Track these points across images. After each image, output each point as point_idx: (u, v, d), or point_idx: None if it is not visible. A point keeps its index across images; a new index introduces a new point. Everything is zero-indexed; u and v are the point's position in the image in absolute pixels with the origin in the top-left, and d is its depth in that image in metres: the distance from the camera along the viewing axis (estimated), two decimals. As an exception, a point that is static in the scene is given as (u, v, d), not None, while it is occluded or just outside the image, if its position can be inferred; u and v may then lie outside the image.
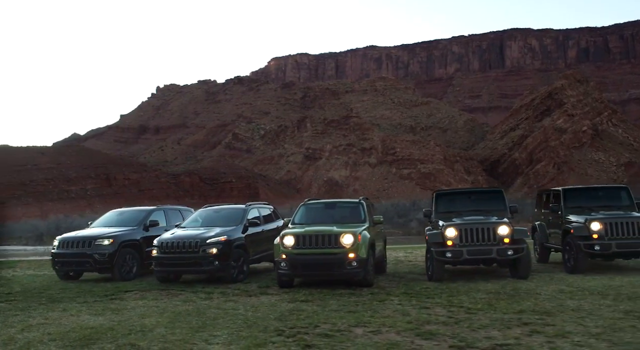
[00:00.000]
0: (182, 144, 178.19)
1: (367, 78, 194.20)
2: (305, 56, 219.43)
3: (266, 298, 11.79)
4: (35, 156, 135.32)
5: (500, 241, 12.70)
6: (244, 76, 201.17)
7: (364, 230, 12.87)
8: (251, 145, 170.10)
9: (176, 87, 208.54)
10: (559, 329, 7.88)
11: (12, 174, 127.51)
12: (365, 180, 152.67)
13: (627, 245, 13.08)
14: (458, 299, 10.59)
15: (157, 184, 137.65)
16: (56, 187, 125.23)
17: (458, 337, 7.68)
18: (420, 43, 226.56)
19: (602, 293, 10.61)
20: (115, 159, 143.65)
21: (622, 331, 7.61)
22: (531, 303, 9.86)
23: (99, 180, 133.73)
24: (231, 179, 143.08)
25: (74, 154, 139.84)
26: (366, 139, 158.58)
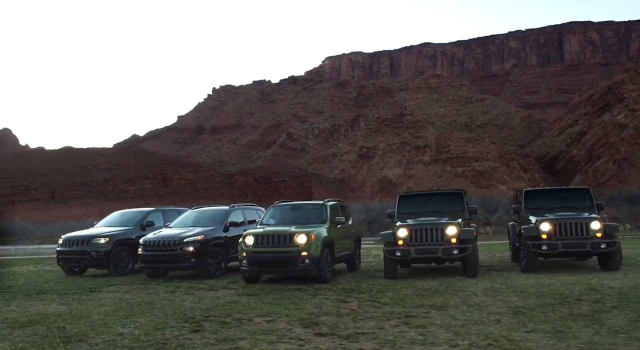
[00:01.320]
0: (237, 144, 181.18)
1: (421, 76, 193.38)
2: (360, 55, 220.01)
3: (222, 292, 12.68)
4: (95, 157, 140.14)
5: (447, 241, 13.33)
6: (298, 76, 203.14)
7: (319, 231, 13.68)
8: (305, 145, 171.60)
9: (232, 87, 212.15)
10: (427, 321, 8.43)
11: (73, 175, 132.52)
12: (419, 178, 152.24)
13: (573, 245, 13.37)
14: (382, 295, 11.15)
15: (212, 184, 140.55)
16: (115, 187, 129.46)
17: (332, 326, 8.32)
18: (475, 39, 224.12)
19: (523, 291, 10.93)
20: (172, 160, 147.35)
21: (483, 324, 8.08)
22: (442, 299, 10.36)
23: (155, 180, 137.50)
24: (285, 178, 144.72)
25: (132, 154, 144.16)
26: (420, 137, 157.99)
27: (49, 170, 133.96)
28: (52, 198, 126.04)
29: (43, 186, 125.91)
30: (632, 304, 9.16)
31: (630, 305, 9.10)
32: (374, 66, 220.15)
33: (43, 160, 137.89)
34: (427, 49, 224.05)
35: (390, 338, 7.50)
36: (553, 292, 10.66)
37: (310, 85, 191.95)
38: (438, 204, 15.30)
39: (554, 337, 7.21)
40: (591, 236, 13.35)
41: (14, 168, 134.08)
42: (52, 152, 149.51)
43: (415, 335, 7.58)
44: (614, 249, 13.36)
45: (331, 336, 7.79)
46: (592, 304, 9.29)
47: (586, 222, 13.50)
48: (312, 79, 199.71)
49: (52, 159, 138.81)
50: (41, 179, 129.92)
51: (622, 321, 7.94)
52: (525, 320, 8.29)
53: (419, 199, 15.86)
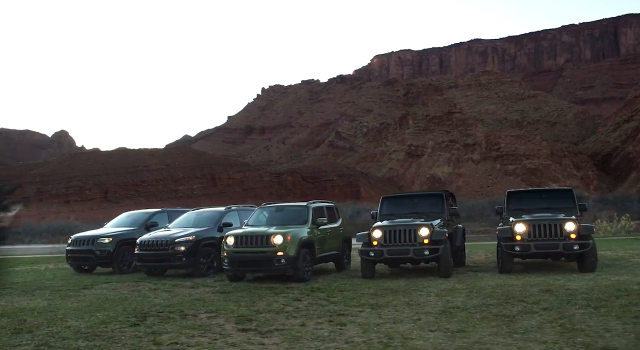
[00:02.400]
0: (286, 143, 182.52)
1: (471, 73, 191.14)
2: (409, 52, 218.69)
3: (201, 289, 13.17)
4: (146, 158, 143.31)
5: (420, 242, 13.57)
6: (347, 75, 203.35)
7: (297, 231, 14.18)
8: (354, 143, 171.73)
9: (281, 87, 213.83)
10: (352, 319, 8.76)
11: (125, 175, 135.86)
12: (468, 176, 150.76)
13: (545, 246, 13.35)
14: (339, 294, 11.47)
15: (260, 183, 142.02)
16: (165, 187, 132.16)
17: (262, 322, 8.72)
18: (527, 34, 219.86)
19: (479, 291, 10.99)
20: (220, 159, 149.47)
21: (399, 323, 8.32)
22: (391, 298, 10.58)
23: (204, 180, 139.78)
24: (332, 177, 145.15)
25: (181, 155, 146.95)
26: (469, 134, 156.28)
27: (102, 170, 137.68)
28: (104, 198, 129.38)
29: (96, 186, 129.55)
30: (565, 306, 9.22)
31: (564, 307, 9.16)
32: (423, 64, 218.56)
33: (96, 161, 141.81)
34: (478, 45, 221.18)
35: (299, 335, 7.84)
36: (505, 293, 10.76)
37: (359, 84, 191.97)
38: (419, 206, 15.51)
39: (447, 336, 7.42)
40: (565, 237, 13.34)
41: (69, 169, 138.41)
42: (106, 153, 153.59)
43: (324, 333, 7.91)
44: (587, 250, 13.30)
45: (251, 331, 8.20)
46: (529, 305, 9.38)
47: (560, 223, 13.48)
48: (361, 78, 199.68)
49: (105, 160, 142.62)
50: (94, 180, 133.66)
51: (533, 322, 8.06)
52: (443, 320, 8.48)
53: (401, 201, 16.09)
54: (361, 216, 77.45)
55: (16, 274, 19.18)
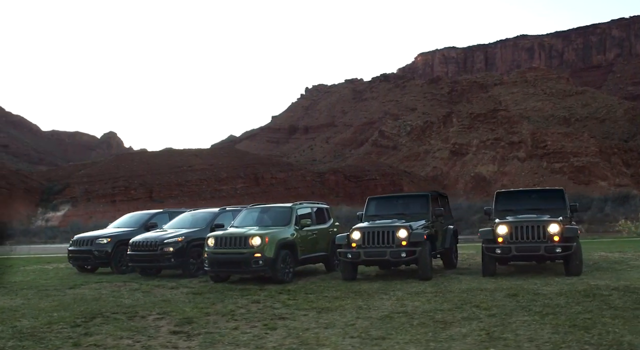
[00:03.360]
0: (330, 143, 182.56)
1: (517, 69, 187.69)
2: (453, 50, 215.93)
3: (178, 290, 13.21)
4: (190, 158, 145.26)
5: (397, 244, 13.32)
6: (390, 73, 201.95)
7: (276, 233, 14.14)
8: (397, 142, 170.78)
9: (324, 87, 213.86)
10: (289, 323, 8.65)
11: (170, 175, 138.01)
12: (514, 175, 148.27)
13: (526, 248, 12.90)
14: (305, 296, 11.36)
15: (303, 183, 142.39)
16: (209, 186, 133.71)
17: (201, 325, 8.77)
18: (575, 29, 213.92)
19: (443, 295, 10.70)
20: (263, 159, 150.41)
21: (331, 327, 8.14)
22: (349, 301, 10.40)
23: (247, 180, 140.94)
24: (375, 176, 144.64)
25: (225, 155, 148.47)
26: (515, 132, 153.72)
27: (147, 171, 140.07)
28: (149, 197, 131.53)
29: (141, 186, 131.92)
30: (515, 312, 8.84)
31: (513, 313, 8.78)
32: (468, 61, 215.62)
33: (142, 161, 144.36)
34: (524, 41, 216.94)
35: (220, 338, 7.78)
36: (467, 298, 10.42)
37: (402, 82, 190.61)
38: (405, 207, 15.23)
39: (362, 343, 7.25)
40: (548, 240, 12.88)
41: (115, 169, 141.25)
42: (151, 153, 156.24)
43: (245, 337, 7.83)
44: (570, 253, 12.80)
45: (181, 334, 8.19)
46: (478, 311, 9.04)
47: (543, 224, 13.03)
48: (404, 76, 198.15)
49: (150, 160, 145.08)
50: (140, 180, 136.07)
51: (464, 330, 7.75)
52: (376, 325, 8.27)
53: (386, 202, 15.83)
54: None
55: (22, 273, 19.54)
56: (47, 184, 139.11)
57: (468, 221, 79.87)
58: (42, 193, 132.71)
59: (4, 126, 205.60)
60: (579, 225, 17.04)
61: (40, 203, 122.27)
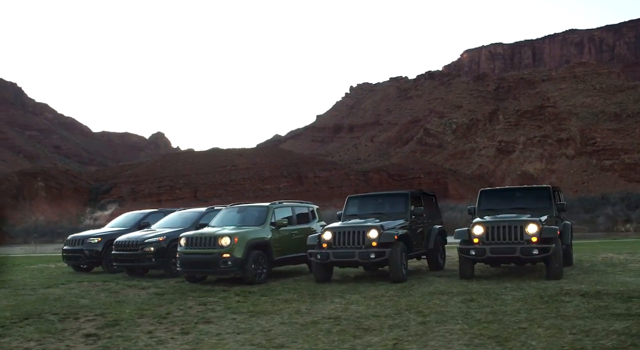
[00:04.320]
0: (375, 141, 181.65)
1: (566, 65, 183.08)
2: (500, 46, 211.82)
3: (146, 290, 13.11)
4: (234, 158, 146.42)
5: (368, 245, 12.83)
6: (435, 71, 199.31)
7: (247, 233, 13.85)
8: (443, 140, 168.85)
9: (369, 85, 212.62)
10: (204, 328, 8.33)
11: (214, 175, 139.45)
12: (562, 172, 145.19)
13: (501, 250, 12.16)
14: (256, 298, 11.09)
15: (346, 181, 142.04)
16: (252, 186, 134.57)
17: (125, 327, 8.62)
18: (627, 22, 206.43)
19: (398, 298, 10.28)
20: (307, 158, 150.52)
21: (244, 333, 7.82)
22: (294, 305, 10.02)
23: (291, 179, 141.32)
24: (419, 175, 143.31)
25: (268, 154, 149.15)
26: (563, 129, 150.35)
27: (192, 170, 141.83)
28: (194, 197, 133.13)
29: (186, 186, 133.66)
30: (445, 322, 8.23)
31: (443, 323, 8.19)
32: (515, 57, 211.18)
33: (187, 161, 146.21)
34: (573, 36, 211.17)
35: (119, 343, 7.51)
36: (420, 303, 9.87)
37: (448, 79, 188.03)
38: (384, 206, 14.71)
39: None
40: (525, 241, 12.18)
41: (161, 169, 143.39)
42: (196, 153, 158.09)
43: (147, 342, 7.55)
44: (548, 255, 12.06)
45: (92, 337, 8.02)
46: (411, 318, 8.49)
47: (521, 225, 12.31)
48: (450, 74, 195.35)
49: (194, 160, 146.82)
50: (185, 179, 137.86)
51: (375, 339, 7.24)
52: (292, 332, 7.81)
53: (366, 201, 15.32)
54: (444, 215, 75.91)
55: (19, 271, 19.78)
56: (95, 184, 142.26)
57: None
58: (91, 193, 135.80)
59: (56, 128, 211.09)
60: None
61: (88, 202, 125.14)
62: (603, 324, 7.56)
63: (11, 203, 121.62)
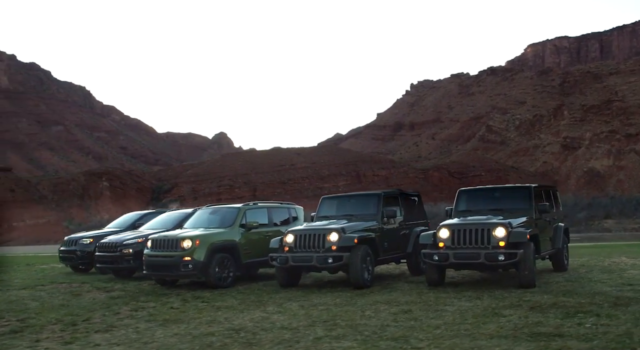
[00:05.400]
0: (436, 139, 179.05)
1: (636, 57, 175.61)
2: (565, 39, 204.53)
3: (109, 293, 13.02)
4: (292, 157, 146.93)
5: (327, 249, 12.15)
6: (497, 66, 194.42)
7: (209, 235, 13.48)
8: (505, 137, 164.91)
9: (429, 82, 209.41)
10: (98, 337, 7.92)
11: (273, 174, 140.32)
12: (631, 170, 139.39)
13: (465, 255, 11.24)
14: (193, 303, 10.77)
15: (405, 180, 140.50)
16: (311, 184, 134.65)
17: (57, 330, 8.46)
18: None
19: (335, 306, 9.66)
20: (365, 157, 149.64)
21: (122, 345, 7.39)
22: (220, 313, 9.53)
23: (349, 178, 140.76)
24: (480, 173, 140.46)
25: (327, 153, 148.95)
26: (632, 124, 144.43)
27: (251, 169, 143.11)
28: (253, 196, 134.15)
29: (245, 185, 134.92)
30: (349, 336, 7.59)
31: (352, 335, 7.54)
32: (582, 50, 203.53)
33: (246, 160, 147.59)
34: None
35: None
36: (348, 313, 9.18)
37: (511, 75, 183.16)
38: (356, 207, 13.94)
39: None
40: (492, 245, 11.23)
41: (221, 169, 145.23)
42: (255, 152, 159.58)
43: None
44: (515, 261, 11.08)
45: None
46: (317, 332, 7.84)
47: (488, 228, 11.36)
48: (513, 69, 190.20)
49: (253, 159, 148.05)
50: (244, 178, 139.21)
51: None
52: (178, 344, 7.33)
53: (339, 201, 14.56)
54: None
55: (23, 271, 19.98)
56: (157, 184, 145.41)
57: (573, 219, 75.38)
58: (153, 192, 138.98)
59: (123, 129, 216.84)
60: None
61: (150, 202, 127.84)
62: (505, 345, 6.71)
63: (78, 202, 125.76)
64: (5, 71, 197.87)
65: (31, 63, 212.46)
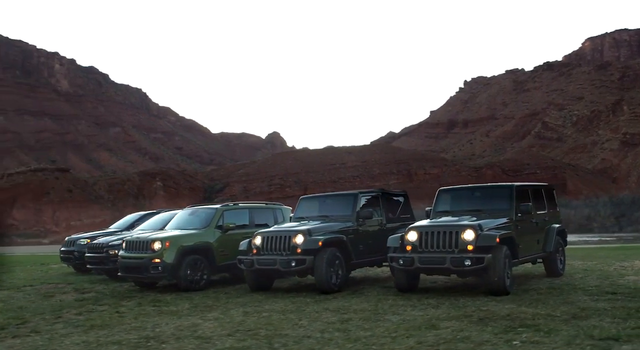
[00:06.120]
0: (490, 136, 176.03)
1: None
2: (625, 32, 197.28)
3: (80, 294, 12.93)
4: (343, 155, 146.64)
5: (292, 252, 11.67)
6: (554, 61, 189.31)
7: (180, 236, 13.26)
8: (562, 134, 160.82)
9: (483, 79, 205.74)
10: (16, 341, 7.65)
11: (324, 173, 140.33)
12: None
13: (430, 260, 10.49)
14: (149, 308, 10.52)
15: (457, 178, 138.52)
16: (362, 183, 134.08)
17: None
18: None
19: (281, 314, 9.26)
20: (417, 155, 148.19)
21: None
22: (153, 319, 9.19)
23: (400, 176, 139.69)
24: (535, 170, 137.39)
25: (377, 151, 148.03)
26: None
27: (302, 168, 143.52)
28: (304, 194, 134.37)
29: (296, 184, 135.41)
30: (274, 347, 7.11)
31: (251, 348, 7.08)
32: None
33: (297, 159, 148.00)
34: None
35: None
36: (287, 322, 8.68)
37: (568, 70, 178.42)
38: (332, 208, 13.36)
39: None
40: (461, 249, 10.52)
41: (272, 168, 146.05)
42: (305, 152, 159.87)
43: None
44: (482, 267, 10.29)
45: None
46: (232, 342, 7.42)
47: (457, 230, 10.63)
48: (570, 64, 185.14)
49: (304, 158, 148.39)
50: (294, 177, 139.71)
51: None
52: None
53: (315, 202, 13.99)
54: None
55: (29, 271, 20.26)
56: (209, 183, 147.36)
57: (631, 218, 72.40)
58: (205, 191, 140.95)
59: (178, 130, 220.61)
60: None
61: (203, 201, 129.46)
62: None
63: (132, 202, 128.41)
64: (66, 75, 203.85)
65: (90, 67, 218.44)
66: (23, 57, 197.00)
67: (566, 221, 67.45)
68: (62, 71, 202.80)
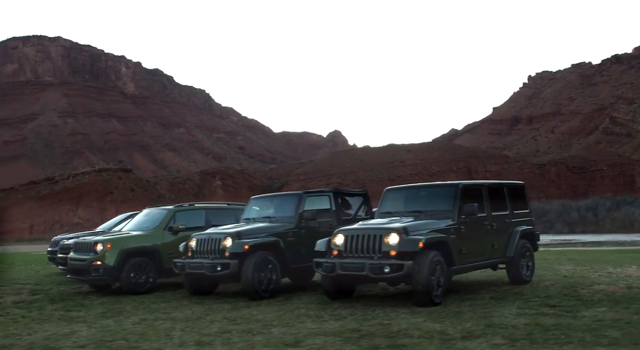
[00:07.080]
0: (556, 133, 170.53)
1: None
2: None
3: (27, 297, 12.77)
4: (402, 153, 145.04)
5: (221, 256, 11.16)
6: (623, 54, 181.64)
7: (123, 238, 13.14)
8: (632, 129, 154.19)
9: (548, 73, 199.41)
10: None
11: (381, 171, 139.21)
12: None
13: (350, 266, 9.70)
14: (92, 312, 10.07)
15: (519, 175, 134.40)
16: (420, 181, 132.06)
17: None
18: None
19: (199, 320, 8.77)
20: (477, 152, 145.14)
21: None
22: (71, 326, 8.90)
23: (460, 174, 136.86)
24: (602, 167, 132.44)
25: (436, 149, 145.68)
26: None
27: (360, 167, 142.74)
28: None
29: (354, 182, 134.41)
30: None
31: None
32: None
33: (355, 158, 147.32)
34: None
35: None
36: (160, 332, 8.19)
37: (638, 63, 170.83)
38: (278, 208, 12.77)
39: None
40: (383, 255, 9.73)
41: (330, 166, 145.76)
42: (364, 150, 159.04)
43: None
44: (403, 274, 9.46)
45: None
46: None
47: (381, 234, 9.86)
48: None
49: (362, 156, 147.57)
50: (352, 176, 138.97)
51: None
52: None
53: (263, 202, 13.43)
54: (621, 210, 68.26)
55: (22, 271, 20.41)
56: (268, 182, 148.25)
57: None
58: (264, 190, 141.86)
59: (241, 130, 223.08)
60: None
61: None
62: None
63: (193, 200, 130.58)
64: (132, 78, 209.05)
65: (155, 69, 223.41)
66: (91, 61, 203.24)
67: (631, 220, 63.95)
68: (129, 74, 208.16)
